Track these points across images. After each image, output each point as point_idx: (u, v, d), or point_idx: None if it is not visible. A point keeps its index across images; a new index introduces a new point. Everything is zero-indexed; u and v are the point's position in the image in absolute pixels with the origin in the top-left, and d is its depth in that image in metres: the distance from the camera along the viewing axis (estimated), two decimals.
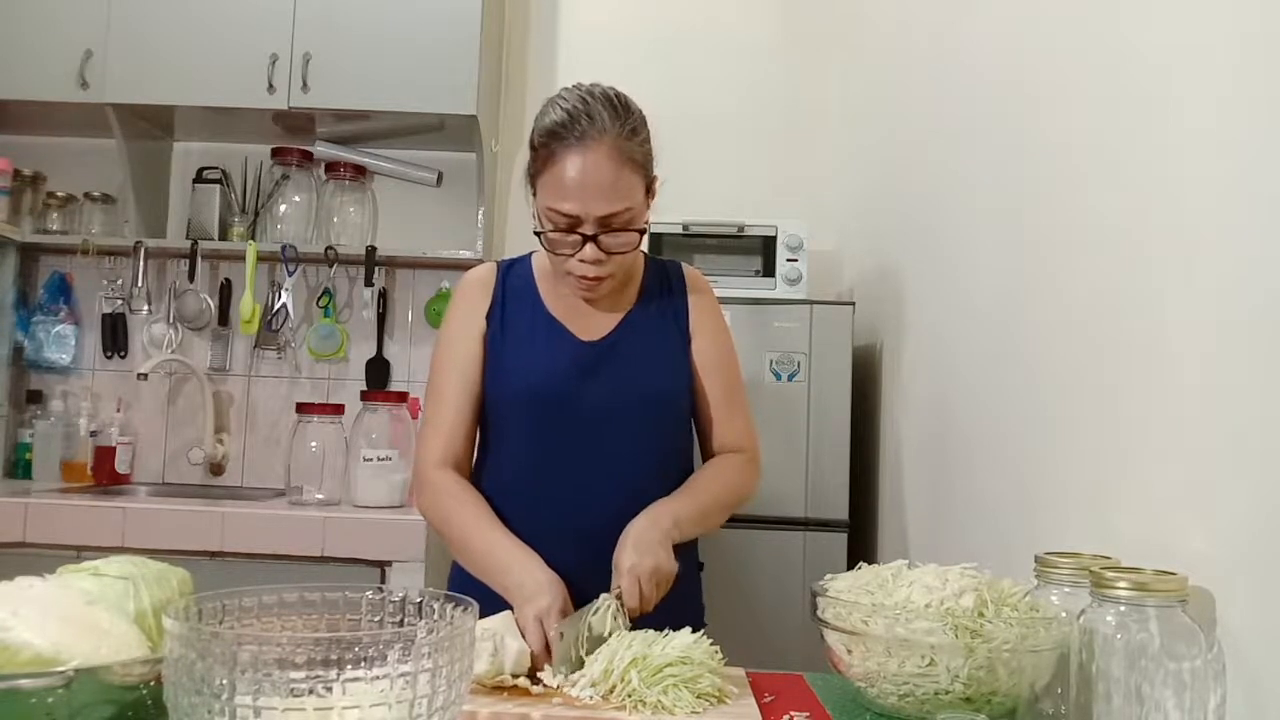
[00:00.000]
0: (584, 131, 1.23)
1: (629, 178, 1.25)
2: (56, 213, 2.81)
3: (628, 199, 1.25)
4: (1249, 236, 0.84)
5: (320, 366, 2.85)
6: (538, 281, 1.41)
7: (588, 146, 1.23)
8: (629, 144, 1.25)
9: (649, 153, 1.31)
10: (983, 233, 1.59)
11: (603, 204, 1.23)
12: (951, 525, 1.72)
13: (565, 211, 1.24)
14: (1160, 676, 0.80)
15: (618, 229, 1.26)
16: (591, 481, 1.32)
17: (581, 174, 1.23)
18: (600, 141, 1.23)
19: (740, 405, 1.44)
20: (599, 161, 1.23)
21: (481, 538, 1.28)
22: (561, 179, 1.24)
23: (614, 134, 1.24)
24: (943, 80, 1.89)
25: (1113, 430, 1.08)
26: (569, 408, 1.33)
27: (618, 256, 1.28)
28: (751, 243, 2.49)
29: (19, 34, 2.58)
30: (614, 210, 1.24)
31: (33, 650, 0.75)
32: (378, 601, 0.86)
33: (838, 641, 0.97)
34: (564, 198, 1.24)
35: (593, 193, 1.23)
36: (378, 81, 2.56)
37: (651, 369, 1.37)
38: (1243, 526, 0.83)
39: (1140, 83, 1.06)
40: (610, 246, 1.27)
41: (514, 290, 1.40)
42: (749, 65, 2.91)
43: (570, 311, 1.39)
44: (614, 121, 1.25)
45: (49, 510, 2.24)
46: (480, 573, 1.27)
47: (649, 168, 1.31)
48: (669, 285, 1.44)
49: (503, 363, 1.36)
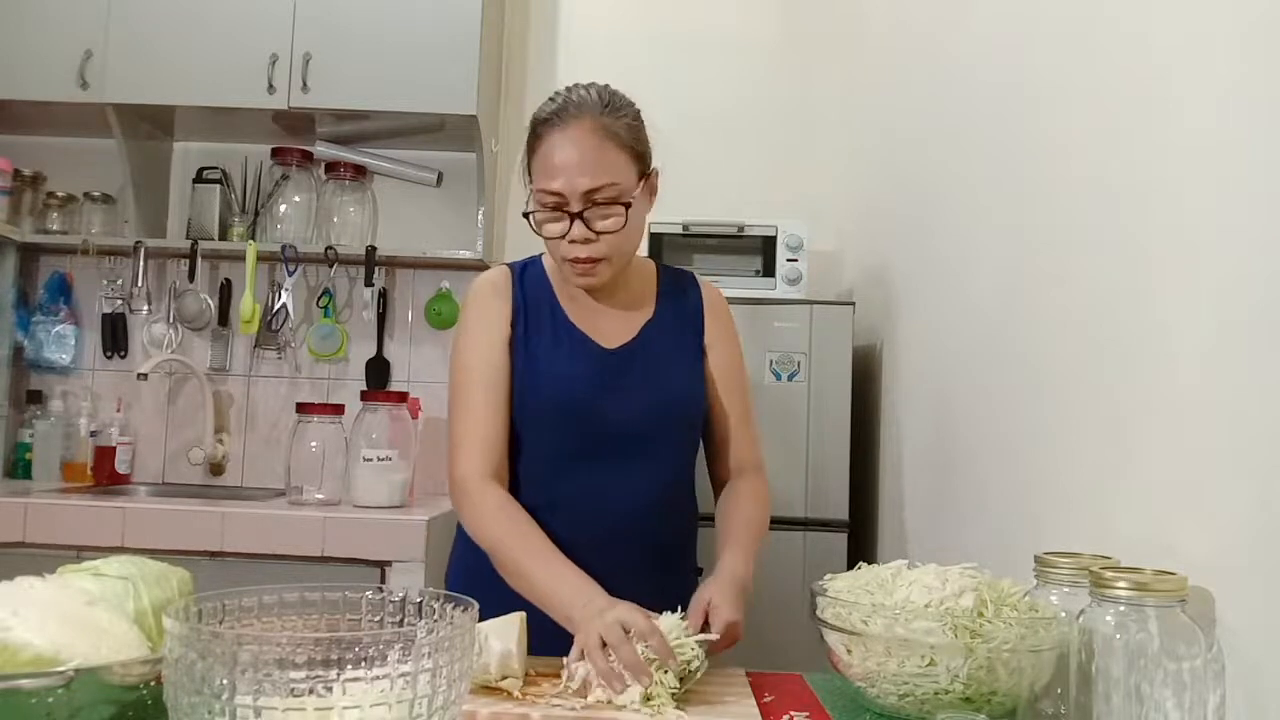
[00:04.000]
0: (569, 114, 1.27)
1: (612, 153, 1.27)
2: (56, 213, 2.81)
3: (611, 174, 1.26)
4: (1249, 236, 0.84)
5: (320, 366, 2.85)
6: (554, 287, 1.41)
7: (569, 124, 1.26)
8: (611, 120, 1.27)
9: (640, 138, 1.31)
10: (982, 233, 1.59)
11: (585, 178, 1.24)
12: (951, 525, 1.72)
13: (551, 190, 1.26)
14: (1160, 676, 0.80)
15: (603, 204, 1.26)
16: (609, 489, 1.33)
17: (563, 150, 1.25)
18: (581, 119, 1.26)
19: (753, 420, 1.47)
20: (580, 136, 1.25)
21: (546, 569, 1.23)
22: (547, 159, 1.27)
23: (595, 112, 1.27)
24: (942, 80, 1.89)
25: (1113, 430, 1.08)
26: (594, 416, 1.33)
27: (608, 237, 1.28)
28: (751, 243, 2.49)
29: (19, 34, 2.58)
30: (597, 184, 1.25)
31: (33, 650, 0.75)
32: (378, 601, 0.86)
33: (837, 641, 0.98)
34: (549, 176, 1.26)
35: (575, 167, 1.24)
36: (378, 81, 2.56)
37: (671, 377, 1.38)
38: (1243, 526, 0.83)
39: (1140, 83, 1.06)
40: (597, 225, 1.27)
41: (532, 295, 1.40)
42: (749, 65, 2.91)
43: (590, 318, 1.39)
44: (596, 101, 1.28)
45: (49, 510, 2.24)
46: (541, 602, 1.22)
47: (640, 151, 1.31)
48: (684, 294, 1.45)
49: (530, 373, 1.35)
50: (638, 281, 1.42)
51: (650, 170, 1.34)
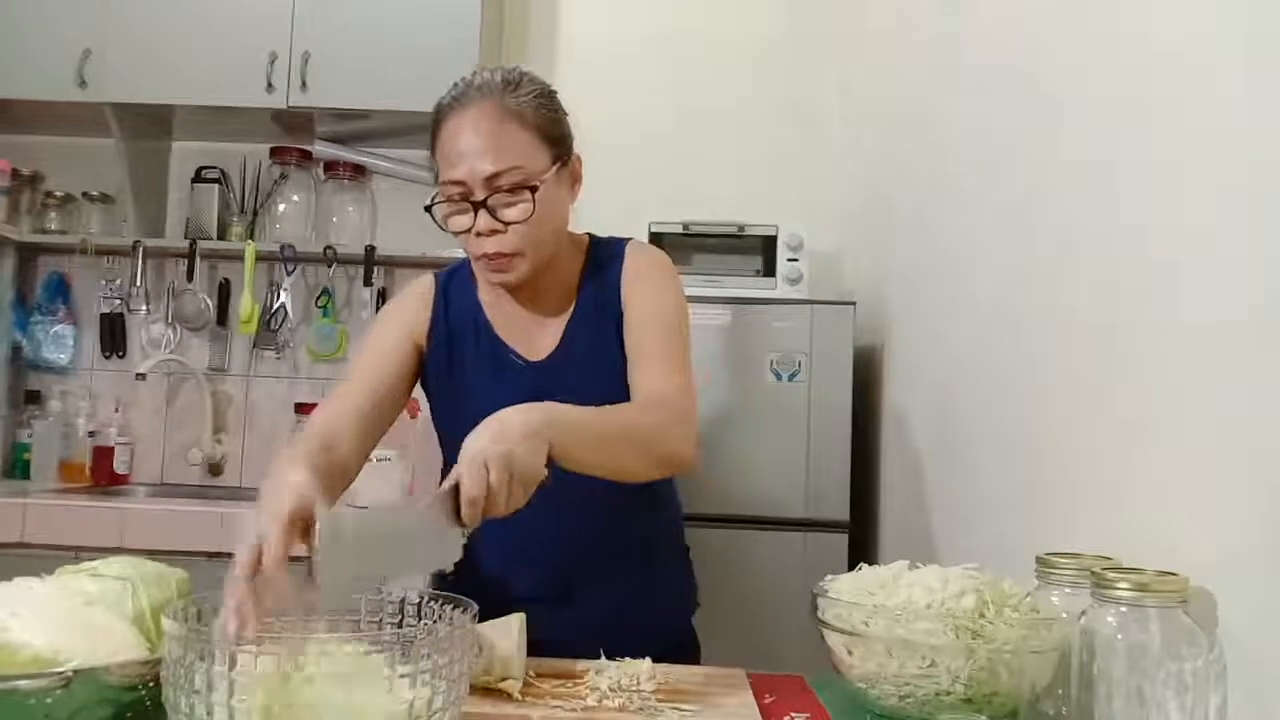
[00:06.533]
0: (469, 97, 1.18)
1: (516, 134, 1.17)
2: (55, 212, 2.80)
3: (515, 157, 1.16)
4: (1249, 236, 0.84)
5: (319, 366, 2.84)
6: (479, 294, 1.32)
7: (469, 107, 1.17)
8: (513, 99, 1.18)
9: (552, 118, 1.21)
10: (983, 232, 1.59)
11: (485, 162, 1.15)
12: (952, 526, 1.72)
13: (454, 179, 1.17)
14: (1161, 677, 0.80)
15: (508, 191, 1.16)
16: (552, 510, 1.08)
17: (464, 136, 1.16)
18: (483, 101, 1.17)
19: (660, 355, 1.23)
20: (478, 118, 1.16)
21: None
22: (447, 146, 1.18)
23: (494, 90, 1.18)
24: (943, 80, 1.89)
25: (1113, 430, 1.08)
26: None
27: (517, 227, 1.17)
28: (751, 243, 2.48)
29: (17, 33, 2.57)
30: (498, 169, 1.15)
31: (31, 651, 0.75)
32: (377, 602, 0.86)
33: (838, 642, 0.97)
34: (450, 164, 1.17)
35: (474, 152, 1.15)
36: (377, 81, 2.55)
37: (595, 383, 1.23)
38: (1244, 526, 0.83)
39: (1140, 83, 1.06)
40: (504, 214, 1.16)
41: (456, 307, 1.32)
42: (749, 65, 2.91)
43: (513, 327, 1.30)
44: (497, 81, 1.19)
45: (47, 511, 2.23)
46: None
47: (552, 133, 1.20)
48: (606, 272, 1.30)
49: (449, 389, 1.29)
50: (564, 275, 1.29)
51: (568, 155, 1.24)
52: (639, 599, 1.22)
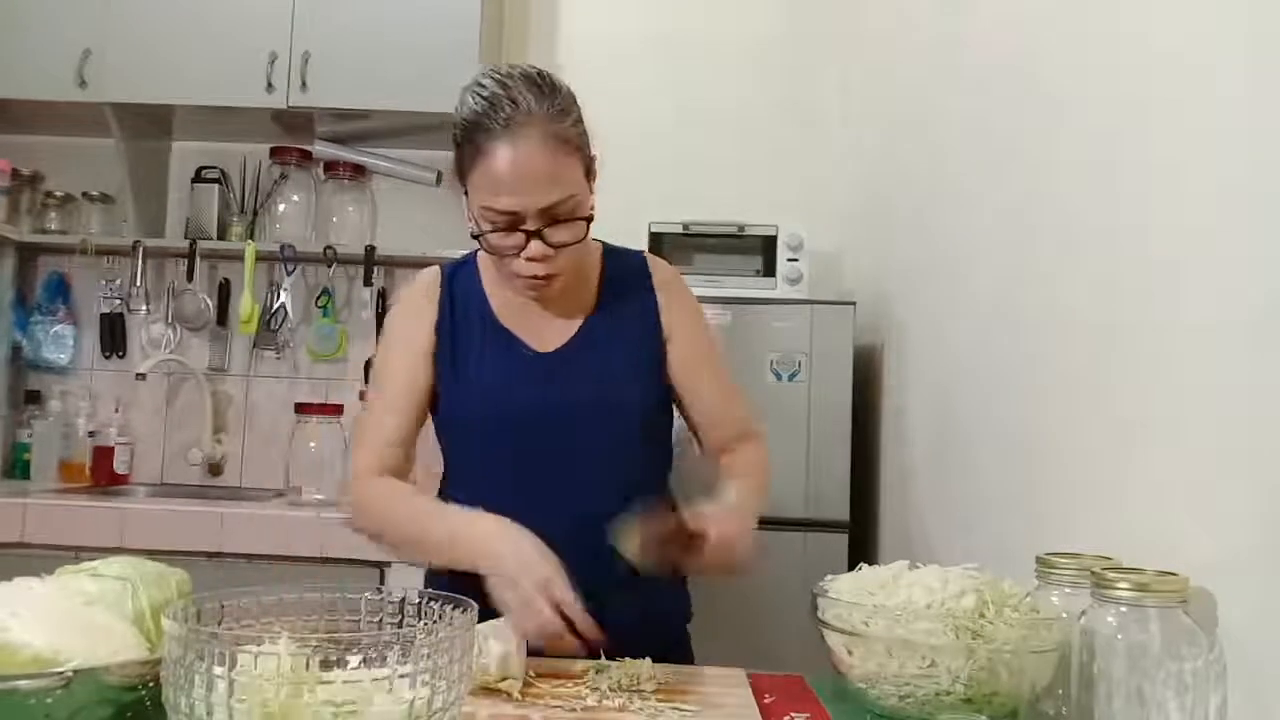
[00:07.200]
0: (509, 118, 1.13)
1: (566, 161, 1.15)
2: (55, 212, 2.80)
3: (569, 185, 1.15)
4: (1249, 236, 0.84)
5: (319, 366, 2.84)
6: (485, 286, 1.32)
7: (515, 134, 1.12)
8: (560, 125, 1.15)
9: (583, 132, 1.20)
10: (983, 233, 1.59)
11: (542, 195, 1.13)
12: (952, 526, 1.72)
13: (503, 209, 1.14)
14: (1161, 677, 0.80)
15: (563, 219, 1.16)
16: (553, 501, 1.20)
17: (514, 165, 1.12)
18: (528, 126, 1.12)
19: (734, 391, 1.38)
20: (531, 150, 1.12)
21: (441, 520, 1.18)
22: (494, 174, 1.13)
23: (542, 116, 1.13)
24: (943, 80, 1.89)
25: (1113, 430, 1.08)
26: (526, 426, 1.25)
27: (568, 250, 1.18)
28: (751, 243, 2.48)
29: (17, 33, 2.57)
30: (556, 200, 1.14)
31: (31, 651, 0.75)
32: (377, 602, 0.86)
33: (838, 642, 0.97)
34: (500, 193, 1.14)
35: (529, 184, 1.13)
36: (377, 81, 2.55)
37: (614, 379, 1.28)
38: (1244, 526, 0.83)
39: (1140, 83, 1.06)
40: (557, 240, 1.16)
41: (461, 298, 1.32)
42: (749, 65, 2.91)
43: (522, 319, 1.30)
44: (540, 102, 1.14)
45: (47, 511, 2.23)
46: (450, 559, 1.16)
47: (585, 149, 1.20)
48: (632, 281, 1.33)
49: (454, 382, 1.29)
50: (580, 276, 1.31)
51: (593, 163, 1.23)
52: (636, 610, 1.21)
